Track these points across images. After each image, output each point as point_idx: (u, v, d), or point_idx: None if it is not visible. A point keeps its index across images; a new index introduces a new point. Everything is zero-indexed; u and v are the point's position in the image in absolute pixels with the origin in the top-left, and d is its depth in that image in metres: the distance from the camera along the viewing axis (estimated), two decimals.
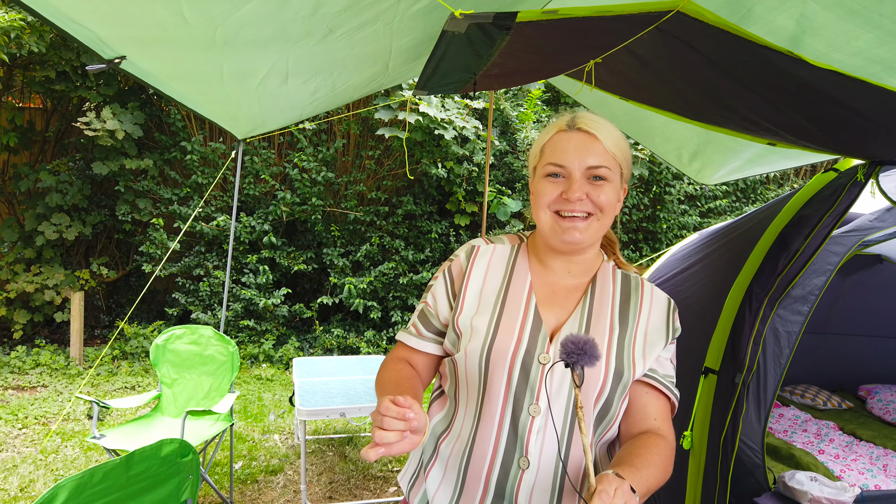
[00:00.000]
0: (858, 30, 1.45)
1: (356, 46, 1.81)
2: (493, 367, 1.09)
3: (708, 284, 2.54)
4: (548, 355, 1.08)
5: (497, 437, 1.09)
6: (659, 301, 1.16)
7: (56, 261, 5.72)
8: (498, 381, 1.08)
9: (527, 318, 1.11)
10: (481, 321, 1.12)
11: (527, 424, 1.07)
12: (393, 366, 1.19)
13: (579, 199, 1.07)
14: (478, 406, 1.11)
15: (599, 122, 1.11)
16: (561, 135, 1.11)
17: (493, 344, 1.09)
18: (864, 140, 1.75)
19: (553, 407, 1.07)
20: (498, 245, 1.22)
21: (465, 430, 1.13)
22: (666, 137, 3.11)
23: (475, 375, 1.11)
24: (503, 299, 1.14)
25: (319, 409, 2.95)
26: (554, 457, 1.07)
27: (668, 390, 1.14)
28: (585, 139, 1.09)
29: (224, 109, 2.45)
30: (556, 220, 1.09)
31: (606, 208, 1.09)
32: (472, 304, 1.15)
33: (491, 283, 1.17)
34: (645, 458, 1.01)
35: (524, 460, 1.07)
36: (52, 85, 5.37)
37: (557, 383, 1.07)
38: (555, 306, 1.14)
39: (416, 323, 1.24)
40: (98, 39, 1.52)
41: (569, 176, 1.08)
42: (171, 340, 3.29)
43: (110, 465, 1.50)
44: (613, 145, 1.10)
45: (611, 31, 1.50)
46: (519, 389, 1.07)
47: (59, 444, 3.82)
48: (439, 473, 1.16)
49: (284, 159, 6.29)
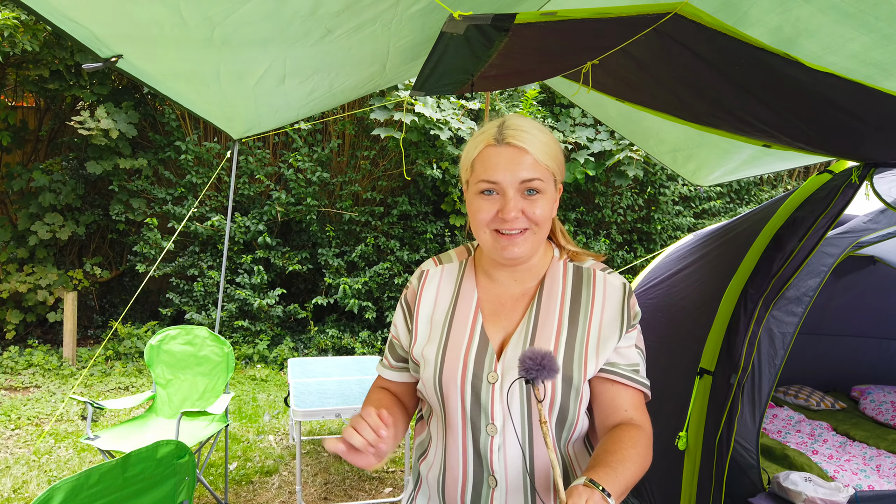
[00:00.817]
0: (854, 33, 1.46)
1: (354, 47, 1.81)
2: (446, 394, 1.10)
3: (703, 285, 2.54)
4: (496, 374, 1.08)
5: (464, 460, 1.11)
6: (613, 290, 1.14)
7: (49, 261, 5.69)
8: (454, 407, 1.10)
9: (472, 339, 1.12)
10: (430, 350, 1.14)
11: (487, 444, 1.08)
12: (376, 395, 1.24)
13: (515, 218, 1.06)
14: (443, 430, 1.14)
15: (528, 131, 1.07)
16: (490, 150, 1.08)
17: (441, 372, 1.11)
18: (859, 142, 1.76)
19: (508, 423, 1.07)
20: (446, 265, 1.23)
21: (437, 455, 1.16)
22: (661, 139, 3.12)
23: (435, 403, 1.14)
24: (450, 323, 1.15)
25: (315, 410, 2.94)
26: (520, 472, 1.08)
27: (633, 381, 1.11)
28: (515, 153, 1.06)
29: (220, 109, 2.44)
30: (496, 237, 1.09)
31: (542, 222, 1.08)
32: (423, 331, 1.18)
33: (440, 306, 1.18)
34: (620, 454, 1.00)
35: (492, 479, 1.09)
36: (45, 84, 5.34)
37: (508, 401, 1.07)
38: (501, 319, 1.14)
39: (386, 355, 1.28)
40: (94, 38, 1.51)
41: (502, 192, 1.06)
42: (165, 341, 3.28)
43: (106, 467, 1.49)
44: (545, 155, 1.07)
45: (608, 33, 1.51)
46: (473, 412, 1.08)
47: (52, 445, 3.79)
48: (424, 498, 1.20)
49: (279, 159, 6.28)
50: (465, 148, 1.15)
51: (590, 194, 6.87)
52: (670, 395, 2.38)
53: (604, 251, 6.57)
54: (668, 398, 2.38)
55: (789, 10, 1.48)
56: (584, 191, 6.79)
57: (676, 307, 2.66)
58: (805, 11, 1.46)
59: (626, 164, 6.32)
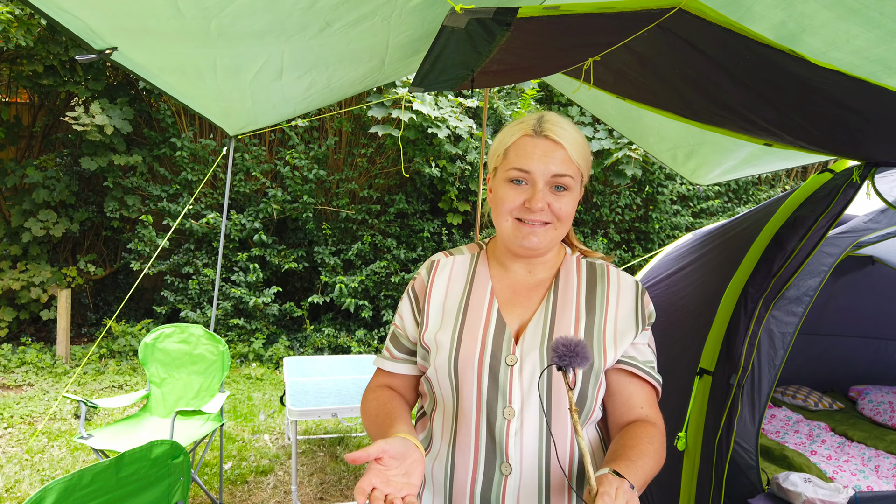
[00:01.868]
0: (858, 28, 1.44)
1: (353, 41, 1.79)
2: (462, 376, 1.09)
3: (703, 285, 2.53)
4: (514, 356, 1.08)
5: (476, 447, 1.09)
6: (627, 286, 1.16)
7: (42, 258, 5.64)
8: (469, 390, 1.08)
9: (489, 322, 1.12)
10: (444, 335, 1.12)
11: (503, 429, 1.06)
12: (373, 395, 1.20)
13: (541, 210, 1.07)
14: (454, 419, 1.12)
15: (565, 128, 1.10)
16: (527, 140, 1.10)
17: (458, 354, 1.09)
18: (861, 141, 1.74)
19: (527, 407, 1.06)
20: (458, 257, 1.23)
21: (444, 446, 1.13)
22: (661, 137, 3.10)
23: (448, 388, 1.12)
24: (465, 309, 1.14)
25: (311, 410, 2.92)
26: (535, 458, 1.07)
27: (650, 377, 1.15)
28: (551, 147, 1.08)
29: (216, 104, 2.41)
30: (517, 225, 1.10)
31: (565, 218, 1.10)
32: (436, 318, 1.16)
33: (453, 295, 1.17)
34: (639, 449, 1.01)
35: (506, 466, 1.07)
36: (39, 79, 5.29)
37: (528, 383, 1.07)
38: (517, 307, 1.14)
39: (388, 347, 1.25)
40: (89, 29, 1.48)
41: (532, 183, 1.08)
42: (160, 339, 3.24)
43: (100, 467, 1.47)
44: (578, 154, 1.10)
45: (612, 28, 1.49)
46: (490, 395, 1.07)
47: (45, 443, 3.76)
48: (430, 495, 1.17)
49: (276, 157, 6.24)
50: (498, 135, 1.17)
51: (588, 193, 6.86)
52: (669, 396, 2.36)
53: (602, 250, 6.56)
54: (667, 398, 2.35)
55: (793, 5, 1.47)
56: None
57: (676, 307, 2.65)
58: (809, 7, 1.44)
59: (625, 163, 6.31)
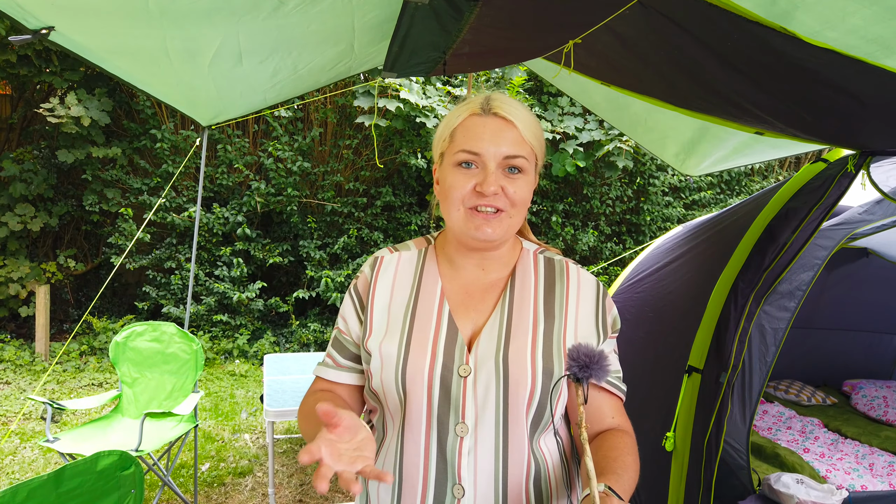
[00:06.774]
0: (855, 5, 1.33)
1: (313, 23, 1.66)
2: (410, 389, 0.98)
3: (692, 279, 2.44)
4: (468, 367, 0.98)
5: (425, 467, 0.98)
6: (587, 287, 1.08)
7: (21, 253, 5.51)
8: (417, 405, 0.98)
9: (440, 328, 1.01)
10: (391, 345, 1.01)
11: (455, 447, 0.96)
12: (312, 398, 1.07)
13: (494, 194, 0.97)
14: (398, 436, 1.00)
15: (516, 106, 1.01)
16: (474, 119, 1.01)
17: (405, 366, 0.98)
18: (857, 128, 1.65)
19: (482, 423, 0.97)
20: (404, 253, 1.12)
21: (389, 466, 1.01)
22: (649, 127, 3.00)
23: (395, 403, 1.01)
24: (412, 314, 1.04)
25: (288, 410, 2.81)
26: (492, 479, 0.97)
27: (616, 388, 1.08)
28: (502, 125, 0.99)
29: (179, 93, 2.28)
30: (470, 215, 0.99)
31: (520, 204, 1.01)
32: (380, 323, 1.04)
33: (398, 296, 1.06)
34: (621, 461, 0.96)
35: (458, 488, 0.96)
36: (12, 69, 5.13)
37: (482, 396, 0.97)
38: (470, 311, 1.04)
39: (331, 353, 1.13)
40: (18, 6, 1.35)
41: (483, 166, 0.99)
42: (131, 338, 3.13)
43: (36, 483, 1.36)
44: (531, 134, 1.01)
45: (589, 6, 1.38)
46: (441, 410, 0.97)
47: (17, 445, 3.65)
48: None
49: (259, 148, 6.10)
50: (442, 120, 1.06)
51: (578, 185, 6.75)
52: (657, 394, 2.28)
53: (592, 243, 6.46)
54: (655, 397, 2.28)
55: None
56: (572, 181, 6.66)
57: (664, 301, 2.56)
58: None
59: (616, 155, 6.20)
